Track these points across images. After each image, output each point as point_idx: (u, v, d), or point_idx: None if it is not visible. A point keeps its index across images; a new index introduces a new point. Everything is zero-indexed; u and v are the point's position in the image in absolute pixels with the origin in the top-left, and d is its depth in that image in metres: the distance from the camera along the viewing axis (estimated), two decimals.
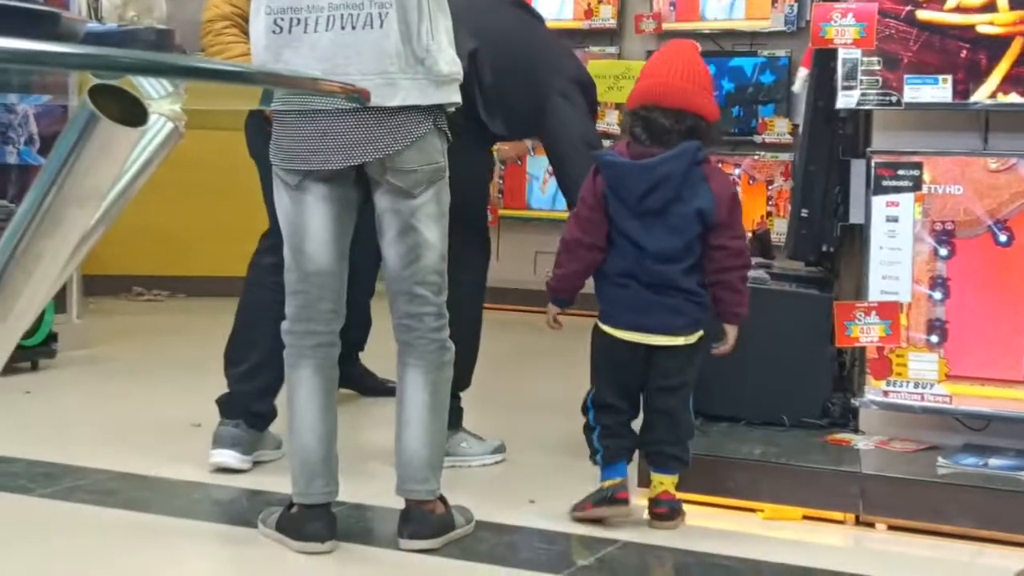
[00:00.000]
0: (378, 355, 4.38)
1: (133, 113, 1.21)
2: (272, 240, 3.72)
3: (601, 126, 7.86)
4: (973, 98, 3.50)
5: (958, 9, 3.53)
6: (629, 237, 3.23)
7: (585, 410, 3.34)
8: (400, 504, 3.10)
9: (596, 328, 3.32)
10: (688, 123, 3.21)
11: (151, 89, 1.57)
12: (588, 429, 3.34)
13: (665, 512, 3.32)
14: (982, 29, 3.51)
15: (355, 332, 3.92)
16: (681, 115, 3.20)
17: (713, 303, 3.29)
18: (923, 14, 3.56)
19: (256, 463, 3.75)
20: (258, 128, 3.60)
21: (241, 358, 3.79)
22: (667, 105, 3.21)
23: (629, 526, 3.30)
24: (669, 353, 3.26)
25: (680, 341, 3.25)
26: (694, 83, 3.26)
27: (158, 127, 1.65)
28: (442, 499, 3.11)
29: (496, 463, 3.89)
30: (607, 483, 3.29)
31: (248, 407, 3.74)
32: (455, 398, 3.73)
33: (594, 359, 3.35)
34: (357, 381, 4.72)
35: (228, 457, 3.68)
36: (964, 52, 3.52)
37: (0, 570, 2.88)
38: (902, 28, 3.56)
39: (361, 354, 4.78)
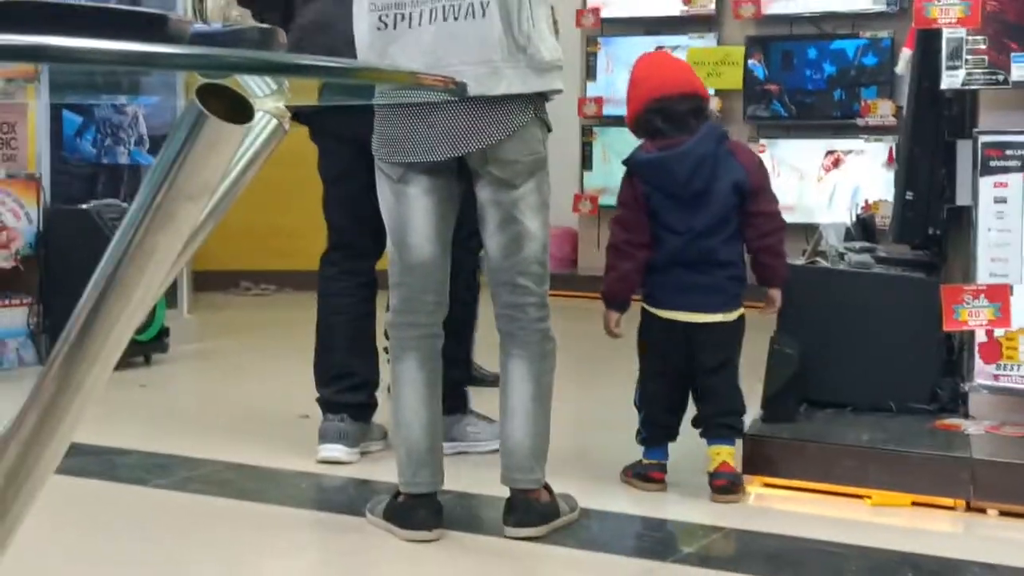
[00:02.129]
0: (480, 345, 4.41)
1: (239, 111, 1.24)
2: (331, 255, 3.86)
3: None
4: None
5: None
6: (672, 228, 3.38)
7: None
8: (505, 492, 3.12)
9: (642, 310, 3.47)
10: (696, 103, 3.40)
11: (256, 87, 1.61)
12: (637, 408, 3.51)
13: (725, 484, 3.37)
14: None
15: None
16: (688, 97, 3.39)
17: (756, 270, 3.47)
18: None
19: (363, 453, 3.80)
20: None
21: (328, 366, 3.84)
22: (675, 92, 3.37)
23: (733, 513, 3.29)
24: (709, 331, 3.38)
25: (718, 318, 3.38)
26: (685, 70, 3.52)
27: (263, 124, 1.69)
28: (547, 487, 3.13)
29: None
30: (646, 461, 3.47)
31: (347, 402, 3.79)
32: (461, 384, 3.75)
33: (639, 340, 3.49)
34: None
35: (336, 451, 3.74)
36: None
37: (118, 559, 2.97)
38: None
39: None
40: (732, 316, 3.41)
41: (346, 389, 3.80)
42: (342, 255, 3.83)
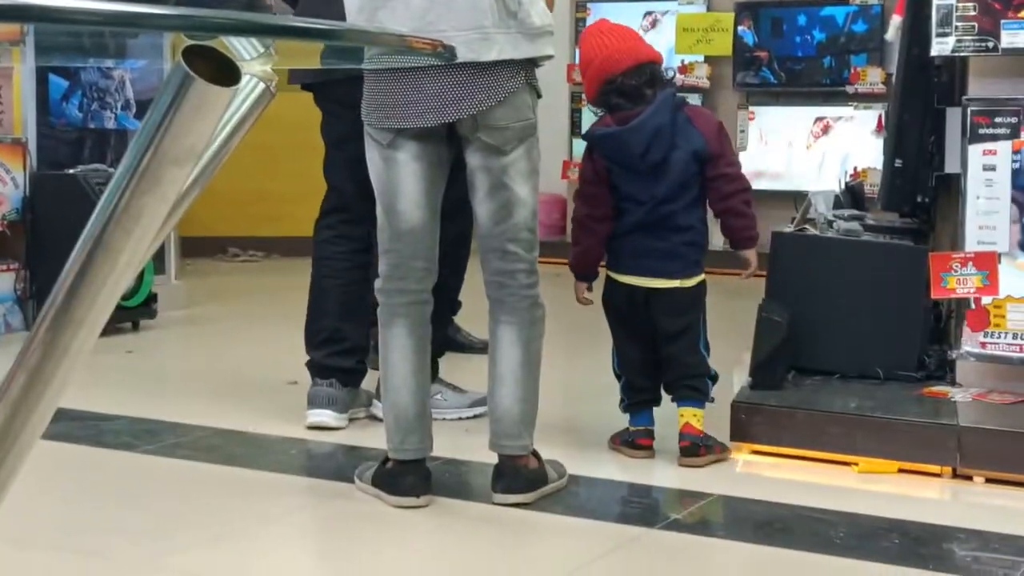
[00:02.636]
0: (468, 312, 4.41)
1: (226, 73, 1.23)
2: (328, 219, 3.82)
3: (691, 79, 7.82)
4: None
5: None
6: (634, 198, 3.40)
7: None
8: (494, 459, 3.13)
9: (605, 276, 3.51)
10: (647, 72, 3.39)
11: (243, 50, 1.59)
12: (616, 375, 3.55)
13: (688, 446, 3.40)
14: None
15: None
16: (638, 69, 3.38)
17: (725, 233, 3.51)
18: None
19: (351, 420, 3.80)
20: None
21: (319, 329, 3.84)
22: (623, 68, 3.37)
23: (720, 480, 3.30)
24: (668, 296, 3.40)
25: (676, 284, 3.40)
26: (628, 39, 3.48)
27: (250, 87, 1.67)
28: (535, 454, 3.14)
29: (475, 416, 3.83)
30: (632, 428, 3.49)
31: (337, 366, 3.79)
32: (436, 352, 3.68)
33: (604, 306, 3.52)
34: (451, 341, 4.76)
35: (324, 416, 3.73)
36: None
37: (105, 525, 2.97)
38: None
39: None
40: (691, 282, 3.43)
41: (336, 353, 3.80)
42: (339, 219, 3.82)
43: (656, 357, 3.49)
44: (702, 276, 3.47)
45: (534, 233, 3.10)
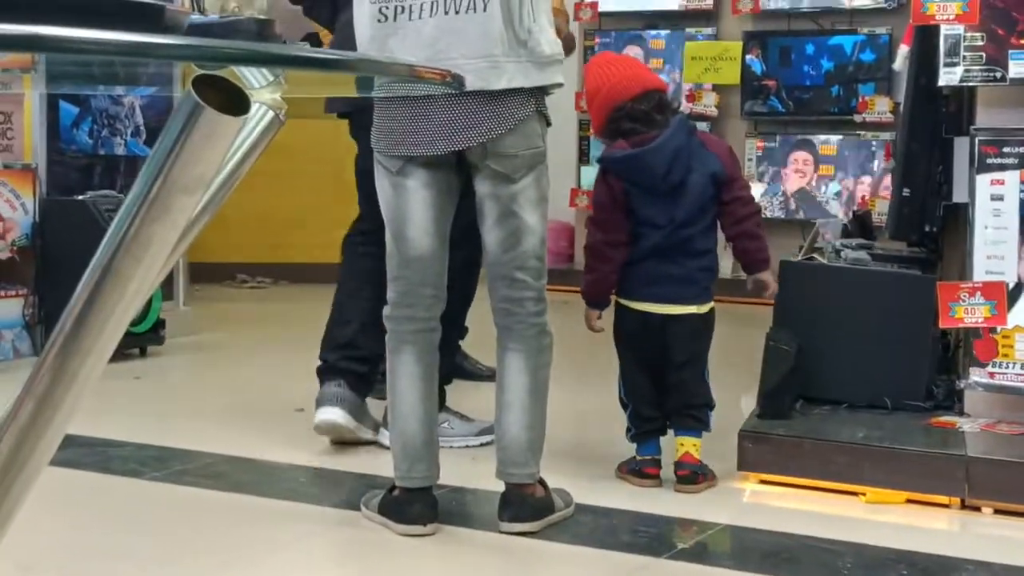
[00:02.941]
0: (476, 339, 4.41)
1: (235, 102, 1.24)
2: (357, 236, 3.84)
3: (699, 108, 7.83)
4: None
5: None
6: (653, 222, 3.40)
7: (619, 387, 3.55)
8: (500, 487, 3.12)
9: (616, 304, 3.50)
10: (656, 99, 3.42)
11: (252, 79, 1.60)
12: (622, 404, 3.53)
13: (687, 475, 3.41)
14: None
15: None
16: (647, 96, 3.41)
17: (739, 257, 3.52)
18: None
19: (357, 442, 3.79)
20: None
21: (338, 335, 3.86)
22: (632, 95, 3.39)
23: (728, 509, 3.29)
24: (682, 323, 3.41)
25: (692, 310, 3.42)
26: (633, 67, 3.53)
27: (259, 116, 1.69)
28: (542, 482, 3.13)
29: (482, 444, 3.81)
30: (639, 457, 3.49)
31: (349, 369, 3.80)
32: (444, 380, 3.66)
33: (615, 334, 3.51)
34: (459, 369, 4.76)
35: (332, 413, 3.72)
36: None
37: (112, 552, 2.96)
38: None
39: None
40: (704, 309, 3.45)
41: (350, 358, 3.81)
42: (367, 239, 3.84)
43: (664, 385, 3.48)
44: (713, 303, 3.47)
45: (542, 261, 3.10)
